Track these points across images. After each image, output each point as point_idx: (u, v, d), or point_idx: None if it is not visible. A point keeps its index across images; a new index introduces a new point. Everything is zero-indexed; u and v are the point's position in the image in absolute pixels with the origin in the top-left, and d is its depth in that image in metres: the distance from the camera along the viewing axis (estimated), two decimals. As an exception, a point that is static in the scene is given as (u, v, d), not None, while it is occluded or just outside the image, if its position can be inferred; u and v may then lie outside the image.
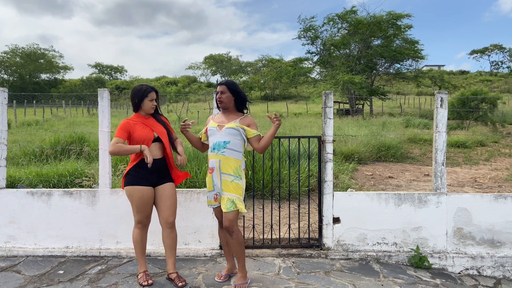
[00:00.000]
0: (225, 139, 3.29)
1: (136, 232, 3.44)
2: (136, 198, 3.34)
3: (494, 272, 4.18)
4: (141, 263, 3.50)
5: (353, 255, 4.23)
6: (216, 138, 3.33)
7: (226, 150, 3.28)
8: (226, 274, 3.59)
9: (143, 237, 3.47)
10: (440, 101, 4.26)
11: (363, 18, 28.56)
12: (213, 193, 3.38)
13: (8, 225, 4.30)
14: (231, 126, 3.31)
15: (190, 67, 76.98)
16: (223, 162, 3.28)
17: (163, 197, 3.41)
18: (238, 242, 3.30)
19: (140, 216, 3.40)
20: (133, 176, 3.36)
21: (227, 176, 3.28)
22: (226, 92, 3.38)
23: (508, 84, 52.49)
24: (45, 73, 65.63)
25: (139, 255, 3.49)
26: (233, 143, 3.30)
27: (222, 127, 3.33)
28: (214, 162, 3.32)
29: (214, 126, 3.37)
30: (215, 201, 3.39)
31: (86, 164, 7.81)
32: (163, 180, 3.45)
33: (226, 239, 3.46)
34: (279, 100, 46.51)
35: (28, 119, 22.54)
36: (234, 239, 3.28)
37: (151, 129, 3.39)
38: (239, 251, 3.32)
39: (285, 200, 6.35)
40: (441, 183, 4.25)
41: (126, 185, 3.39)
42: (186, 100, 41.61)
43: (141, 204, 3.35)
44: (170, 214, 3.42)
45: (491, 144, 14.56)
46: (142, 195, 3.34)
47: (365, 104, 30.68)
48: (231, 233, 3.27)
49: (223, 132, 3.31)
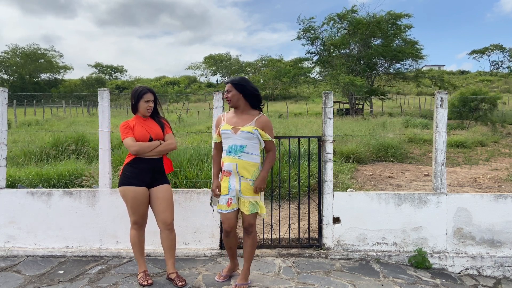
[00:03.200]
0: (241, 143, 3.15)
1: (133, 233, 3.43)
2: (129, 198, 3.33)
3: (494, 272, 4.18)
4: (141, 263, 3.50)
5: (353, 255, 4.23)
6: (232, 141, 3.18)
7: (244, 154, 3.15)
8: (227, 274, 3.58)
9: (140, 237, 3.46)
10: (440, 101, 4.26)
11: (363, 18, 28.56)
12: (227, 197, 3.22)
13: (8, 225, 4.30)
14: (247, 130, 3.14)
15: (190, 67, 77.02)
16: (240, 166, 3.15)
17: (158, 199, 3.38)
18: (254, 242, 3.33)
19: (135, 216, 3.38)
20: (126, 176, 3.36)
21: (247, 181, 3.18)
22: (231, 90, 3.22)
23: (508, 84, 52.50)
24: (45, 73, 65.61)
25: (138, 255, 3.48)
26: (249, 147, 3.16)
27: (237, 130, 3.16)
28: (231, 166, 3.17)
29: (228, 129, 3.20)
30: (228, 206, 3.22)
31: (86, 164, 7.82)
32: (158, 182, 3.42)
33: (231, 245, 3.44)
34: (279, 100, 46.47)
35: (28, 119, 22.54)
36: (251, 238, 3.29)
37: (147, 130, 3.39)
38: (250, 252, 3.33)
39: (285, 200, 6.35)
40: (441, 183, 4.25)
41: (119, 185, 3.39)
42: (186, 100, 41.61)
43: (135, 205, 3.34)
44: (168, 216, 3.40)
45: (491, 144, 14.56)
46: (135, 195, 3.32)
47: (365, 104, 30.69)
48: (249, 233, 3.28)
49: (239, 136, 3.15)
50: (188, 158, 7.15)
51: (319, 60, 31.98)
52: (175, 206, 3.78)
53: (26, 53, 61.62)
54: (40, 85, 61.70)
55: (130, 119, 3.48)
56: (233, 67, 70.61)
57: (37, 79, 64.18)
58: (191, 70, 77.51)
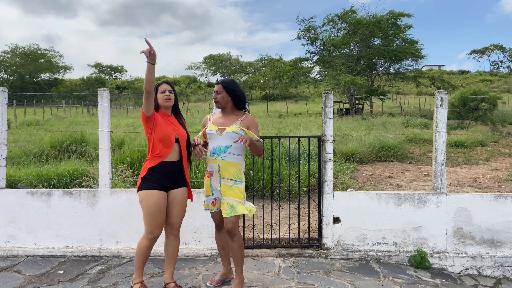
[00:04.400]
0: (226, 144, 3.15)
1: (144, 243, 3.11)
2: (151, 204, 3.06)
3: (494, 272, 4.18)
4: (139, 273, 3.24)
5: (353, 255, 4.23)
6: (217, 142, 3.17)
7: (227, 154, 3.14)
8: (220, 279, 3.46)
9: (150, 250, 3.17)
10: (440, 101, 4.26)
11: (363, 18, 28.58)
12: (212, 197, 3.24)
13: (8, 225, 4.30)
14: (233, 130, 3.14)
15: (190, 67, 76.96)
16: (222, 166, 3.15)
17: (174, 202, 3.20)
18: (239, 245, 3.19)
19: (154, 225, 3.08)
20: (148, 180, 3.11)
21: (227, 181, 3.15)
22: (221, 91, 3.21)
23: (508, 84, 52.48)
24: (45, 73, 65.59)
25: (140, 264, 3.21)
26: (234, 147, 3.15)
27: (223, 130, 3.16)
28: (214, 166, 3.18)
29: (214, 130, 3.20)
30: (213, 206, 3.25)
31: (86, 164, 7.81)
32: (177, 184, 3.23)
33: (223, 243, 3.38)
34: (279, 100, 46.50)
35: (28, 119, 22.52)
36: (235, 242, 3.17)
37: (173, 129, 3.18)
38: (239, 255, 3.21)
39: (285, 200, 6.35)
40: (441, 183, 4.25)
41: (140, 190, 3.13)
42: (186, 100, 41.59)
43: (156, 211, 3.07)
44: (178, 222, 3.24)
45: (491, 144, 14.57)
46: (158, 201, 3.08)
47: (365, 104, 30.69)
48: (232, 237, 3.16)
49: (224, 136, 3.15)
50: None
51: (319, 60, 32.01)
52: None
53: (26, 53, 61.61)
54: (40, 85, 61.68)
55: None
56: (233, 67, 70.56)
57: (37, 79, 64.13)
58: (191, 70, 77.55)
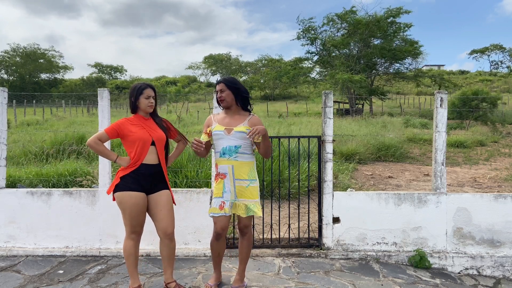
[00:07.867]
0: (236, 144, 3.10)
1: (129, 244, 3.10)
2: (129, 205, 3.02)
3: (494, 272, 4.18)
4: (134, 278, 3.16)
5: (353, 255, 4.23)
6: (225, 142, 3.11)
7: (239, 154, 3.10)
8: (215, 283, 3.40)
9: (136, 249, 3.14)
10: (440, 101, 4.26)
11: (362, 18, 28.57)
12: (221, 200, 3.12)
13: (8, 225, 4.30)
14: (241, 129, 3.10)
15: (190, 67, 76.91)
16: (236, 167, 3.10)
17: (158, 205, 3.12)
18: (250, 243, 3.28)
19: (134, 225, 3.07)
20: (126, 181, 3.05)
21: (242, 182, 3.11)
22: (225, 90, 3.16)
23: (508, 84, 52.43)
24: (45, 73, 65.56)
25: (132, 268, 3.14)
26: (244, 147, 3.12)
27: (231, 130, 3.11)
28: (227, 168, 3.11)
29: (220, 130, 3.13)
30: (220, 209, 3.11)
31: (86, 164, 7.82)
32: (158, 187, 3.16)
33: (219, 251, 3.31)
34: (279, 100, 46.44)
35: (28, 119, 22.51)
36: (246, 240, 3.25)
37: (149, 132, 3.12)
38: (247, 253, 3.29)
39: (285, 200, 6.35)
40: (441, 183, 4.25)
41: (115, 191, 3.06)
42: (186, 100, 41.58)
43: (135, 212, 3.04)
44: (169, 224, 3.14)
45: (491, 144, 14.57)
46: (136, 202, 3.03)
47: (365, 104, 30.69)
48: (245, 234, 3.24)
49: (233, 136, 3.10)
50: (187, 158, 7.16)
51: (319, 60, 31.99)
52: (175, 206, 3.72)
53: (26, 53, 61.58)
54: (40, 85, 61.65)
55: (130, 118, 3.19)
56: (233, 67, 70.52)
57: (37, 79, 64.10)
58: (191, 70, 77.53)
